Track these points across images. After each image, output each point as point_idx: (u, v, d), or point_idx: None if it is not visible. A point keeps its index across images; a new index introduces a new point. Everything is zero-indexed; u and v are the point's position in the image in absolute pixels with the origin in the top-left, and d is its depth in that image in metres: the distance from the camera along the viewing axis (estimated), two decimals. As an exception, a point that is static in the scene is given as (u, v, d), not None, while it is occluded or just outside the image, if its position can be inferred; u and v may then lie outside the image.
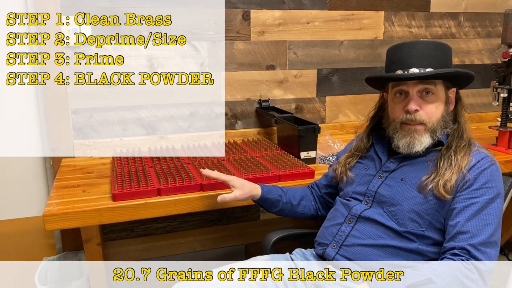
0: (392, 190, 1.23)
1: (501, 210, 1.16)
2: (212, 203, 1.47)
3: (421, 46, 1.25)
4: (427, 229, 1.17)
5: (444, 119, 1.25)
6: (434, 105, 1.23)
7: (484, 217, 1.12)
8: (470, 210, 1.12)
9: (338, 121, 2.34)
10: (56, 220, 1.32)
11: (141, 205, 1.39)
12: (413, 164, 1.25)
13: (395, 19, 2.33)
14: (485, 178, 1.15)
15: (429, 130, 1.22)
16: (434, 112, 1.23)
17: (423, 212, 1.17)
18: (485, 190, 1.14)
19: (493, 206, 1.13)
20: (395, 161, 1.29)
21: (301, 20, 2.15)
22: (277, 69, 2.16)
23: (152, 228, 2.09)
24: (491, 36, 2.56)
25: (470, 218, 1.11)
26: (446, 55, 1.27)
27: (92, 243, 1.63)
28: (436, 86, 1.22)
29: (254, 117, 2.17)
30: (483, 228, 1.10)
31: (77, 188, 1.51)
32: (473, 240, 1.08)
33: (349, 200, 1.31)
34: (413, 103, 1.22)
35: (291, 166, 1.61)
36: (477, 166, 1.17)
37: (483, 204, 1.13)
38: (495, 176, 1.17)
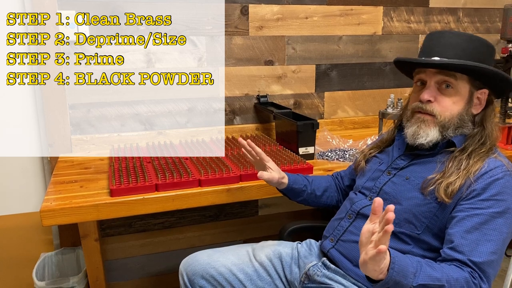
0: (395, 188, 1.20)
1: (509, 228, 1.06)
2: (210, 198, 1.46)
3: (450, 35, 1.17)
4: (423, 233, 1.11)
5: (462, 118, 1.16)
6: (452, 99, 1.15)
7: (486, 231, 1.03)
8: (471, 222, 1.04)
9: (336, 117, 2.34)
10: (53, 215, 1.31)
11: (138, 201, 1.39)
12: (423, 164, 1.19)
13: (394, 14, 2.32)
14: (496, 190, 1.06)
15: (439, 124, 1.15)
16: (449, 107, 1.15)
17: (420, 215, 1.11)
18: (493, 202, 1.05)
19: (499, 222, 1.04)
20: (405, 158, 1.24)
21: (299, 15, 2.14)
22: (275, 64, 2.15)
23: (150, 223, 2.09)
24: (490, 32, 2.55)
25: (471, 230, 1.03)
26: (480, 50, 1.16)
27: (89, 239, 1.62)
28: (457, 80, 1.14)
29: (253, 113, 2.16)
30: (483, 244, 1.02)
31: (74, 184, 1.50)
32: (474, 257, 1.01)
33: (356, 195, 1.30)
34: (427, 93, 1.16)
35: (289, 162, 1.61)
36: (489, 174, 1.08)
37: (488, 217, 1.04)
38: (508, 188, 1.07)
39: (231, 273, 1.30)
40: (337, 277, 1.20)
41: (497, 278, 2.30)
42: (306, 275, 1.26)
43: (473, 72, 1.14)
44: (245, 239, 2.25)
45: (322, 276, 1.22)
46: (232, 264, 1.31)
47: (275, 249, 1.35)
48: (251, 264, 1.33)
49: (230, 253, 1.35)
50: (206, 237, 2.20)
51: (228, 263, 1.31)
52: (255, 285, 1.30)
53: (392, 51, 2.36)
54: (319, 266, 1.25)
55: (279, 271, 1.32)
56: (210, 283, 1.30)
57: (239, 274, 1.30)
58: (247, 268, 1.31)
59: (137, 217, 2.05)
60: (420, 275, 0.95)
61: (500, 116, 1.92)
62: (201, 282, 1.30)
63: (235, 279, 1.29)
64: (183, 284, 1.34)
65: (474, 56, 1.14)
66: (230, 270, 1.30)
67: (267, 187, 1.52)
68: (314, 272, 1.25)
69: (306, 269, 1.26)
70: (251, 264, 1.32)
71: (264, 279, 1.31)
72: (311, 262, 1.27)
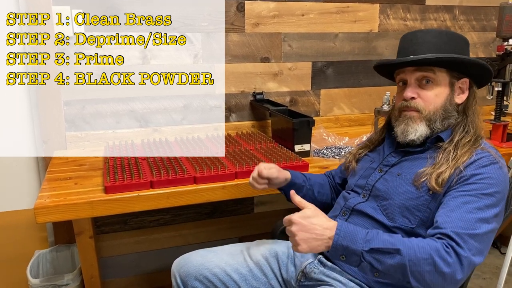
0: (387, 184, 1.21)
1: (497, 211, 1.05)
2: (206, 196, 1.46)
3: (421, 34, 1.21)
4: (418, 226, 1.12)
5: (446, 109, 1.19)
6: (433, 92, 1.18)
7: (471, 210, 1.02)
8: (456, 201, 1.05)
9: (332, 114, 2.34)
10: (47, 212, 1.30)
11: (133, 198, 1.38)
12: (413, 160, 1.21)
13: (390, 12, 2.32)
14: (482, 175, 1.07)
15: (425, 118, 1.18)
16: (432, 100, 1.18)
17: (414, 208, 1.13)
18: (479, 185, 1.05)
19: (485, 202, 1.04)
20: (396, 155, 1.26)
21: (296, 12, 2.14)
22: (271, 61, 2.15)
23: (146, 221, 2.08)
24: (486, 30, 2.55)
25: (454, 209, 1.03)
26: (451, 42, 1.20)
27: (84, 236, 1.62)
28: (435, 73, 1.18)
29: (249, 110, 2.16)
30: (469, 220, 1.00)
31: (69, 181, 1.49)
32: (458, 229, 0.99)
33: (349, 193, 1.31)
34: (409, 90, 1.20)
35: (285, 159, 1.60)
36: (476, 163, 1.10)
37: (472, 197, 1.04)
38: (494, 174, 1.08)
39: (225, 273, 1.29)
40: (334, 274, 1.20)
41: (492, 275, 2.31)
42: (302, 273, 1.26)
43: (448, 63, 1.17)
44: (241, 237, 2.25)
45: (319, 274, 1.22)
46: (226, 265, 1.30)
47: (271, 248, 1.35)
48: (246, 264, 1.32)
49: (224, 253, 1.34)
50: (202, 235, 2.19)
51: (222, 263, 1.30)
52: (249, 285, 1.29)
53: (388, 48, 2.36)
54: (315, 263, 1.25)
55: (275, 271, 1.32)
56: (204, 284, 1.28)
57: (233, 275, 1.29)
58: (242, 268, 1.30)
59: (132, 214, 2.04)
60: (375, 240, 0.98)
61: (496, 114, 1.92)
62: (195, 283, 1.29)
63: (229, 280, 1.28)
64: (176, 285, 1.32)
65: (446, 48, 1.18)
66: (224, 270, 1.29)
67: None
68: (311, 269, 1.24)
69: (302, 267, 1.26)
70: (246, 264, 1.32)
71: (259, 279, 1.30)
72: (307, 260, 1.27)
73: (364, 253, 0.97)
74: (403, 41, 1.27)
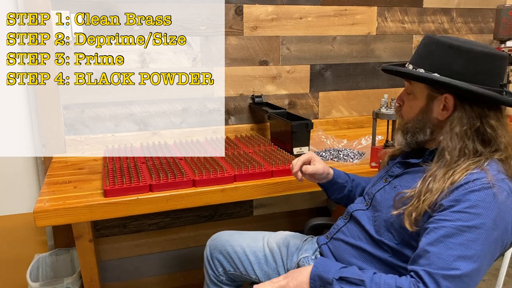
0: (383, 196, 1.18)
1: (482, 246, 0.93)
2: (205, 199, 1.46)
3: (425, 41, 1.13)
4: (401, 244, 1.08)
5: (418, 124, 1.12)
6: (409, 104, 1.15)
7: (451, 246, 0.93)
8: (437, 234, 0.96)
9: (331, 117, 2.34)
10: (47, 216, 1.30)
11: (132, 201, 1.39)
12: (412, 174, 1.15)
13: (388, 15, 2.33)
14: (469, 202, 0.95)
15: (401, 128, 1.18)
16: (407, 111, 1.16)
17: (397, 225, 1.08)
18: (464, 215, 0.95)
19: (467, 237, 0.93)
20: (401, 166, 1.21)
21: (294, 15, 2.15)
22: (270, 64, 2.16)
23: (145, 224, 2.08)
24: (484, 32, 2.56)
25: (434, 243, 0.95)
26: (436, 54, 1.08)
27: (83, 240, 1.61)
28: (412, 85, 1.13)
29: (247, 113, 2.16)
30: (447, 258, 0.92)
31: (68, 184, 1.49)
32: (432, 268, 0.93)
33: (361, 197, 1.30)
34: (398, 97, 1.21)
35: (284, 162, 1.61)
36: (464, 187, 0.98)
37: (454, 230, 0.94)
38: (484, 202, 0.95)
39: (244, 253, 1.43)
40: None
41: (491, 277, 2.31)
42: (297, 265, 1.32)
43: (419, 79, 1.10)
44: (240, 239, 2.25)
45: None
46: (247, 246, 1.44)
47: (286, 239, 1.44)
48: (263, 249, 1.43)
49: (248, 236, 1.49)
50: (201, 238, 2.19)
51: (244, 244, 1.45)
52: (261, 269, 1.41)
53: (386, 51, 2.37)
54: (310, 258, 1.31)
55: (284, 259, 1.40)
56: (226, 259, 1.45)
57: (250, 256, 1.42)
58: (259, 253, 1.43)
59: (131, 218, 2.04)
60: (345, 272, 1.02)
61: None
62: (219, 256, 1.47)
63: (246, 260, 1.42)
64: (206, 256, 1.52)
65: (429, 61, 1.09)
66: (244, 251, 1.43)
67: (262, 187, 1.52)
68: (303, 263, 1.30)
69: (298, 259, 1.33)
70: (263, 249, 1.43)
71: (270, 265, 1.41)
72: (305, 252, 1.33)
73: (334, 281, 1.02)
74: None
